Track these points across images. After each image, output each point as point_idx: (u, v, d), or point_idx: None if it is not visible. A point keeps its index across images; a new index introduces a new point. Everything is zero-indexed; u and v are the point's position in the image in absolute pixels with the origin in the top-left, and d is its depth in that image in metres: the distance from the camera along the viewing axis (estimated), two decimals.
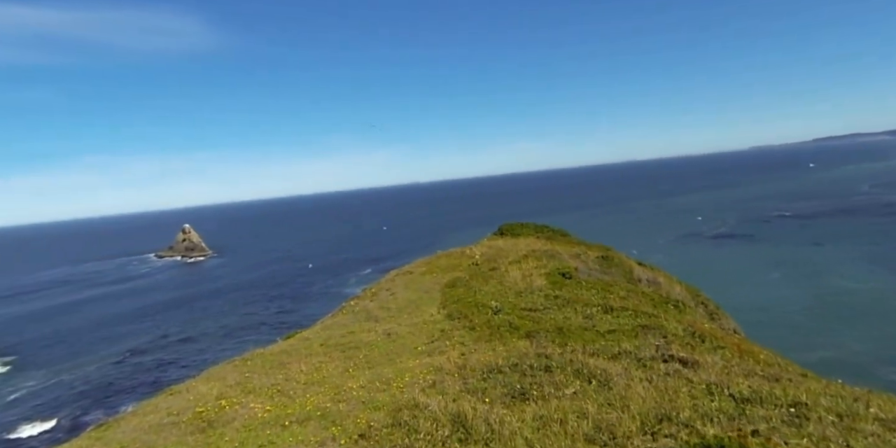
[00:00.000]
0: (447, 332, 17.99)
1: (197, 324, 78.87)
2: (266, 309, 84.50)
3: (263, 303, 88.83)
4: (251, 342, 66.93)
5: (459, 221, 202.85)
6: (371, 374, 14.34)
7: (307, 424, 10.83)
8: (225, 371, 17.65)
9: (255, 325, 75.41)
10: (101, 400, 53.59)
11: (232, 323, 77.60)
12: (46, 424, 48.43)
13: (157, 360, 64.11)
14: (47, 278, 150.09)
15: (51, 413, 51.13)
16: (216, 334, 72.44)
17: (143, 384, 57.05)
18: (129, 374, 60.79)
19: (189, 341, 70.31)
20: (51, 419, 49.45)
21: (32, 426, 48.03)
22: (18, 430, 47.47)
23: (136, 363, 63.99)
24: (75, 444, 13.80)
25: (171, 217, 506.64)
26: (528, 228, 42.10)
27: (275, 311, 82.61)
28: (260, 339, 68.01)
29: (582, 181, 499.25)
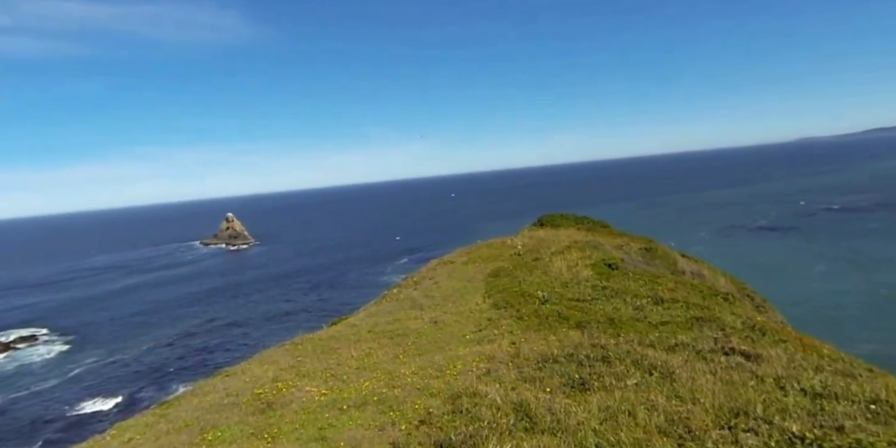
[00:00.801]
0: (494, 321, 17.97)
1: (240, 309, 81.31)
2: (305, 296, 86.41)
3: (303, 290, 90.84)
4: (292, 328, 68.55)
5: (495, 212, 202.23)
6: (422, 361, 14.46)
7: (365, 409, 11.00)
8: (277, 355, 18.11)
9: (296, 312, 77.22)
10: (153, 379, 56.00)
11: (273, 309, 79.67)
12: (104, 401, 51.04)
13: (204, 343, 66.48)
14: (102, 264, 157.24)
15: (107, 390, 53.80)
16: (258, 319, 74.53)
17: (191, 365, 59.32)
18: (179, 355, 63.23)
19: (233, 326, 72.59)
20: (108, 396, 52.07)
21: (93, 402, 50.67)
22: (80, 406, 50.18)
23: (184, 345, 66.49)
24: (140, 420, 14.43)
25: (214, 206, 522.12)
26: (569, 219, 41.59)
27: (314, 298, 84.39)
28: (300, 325, 69.55)
29: (620, 173, 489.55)
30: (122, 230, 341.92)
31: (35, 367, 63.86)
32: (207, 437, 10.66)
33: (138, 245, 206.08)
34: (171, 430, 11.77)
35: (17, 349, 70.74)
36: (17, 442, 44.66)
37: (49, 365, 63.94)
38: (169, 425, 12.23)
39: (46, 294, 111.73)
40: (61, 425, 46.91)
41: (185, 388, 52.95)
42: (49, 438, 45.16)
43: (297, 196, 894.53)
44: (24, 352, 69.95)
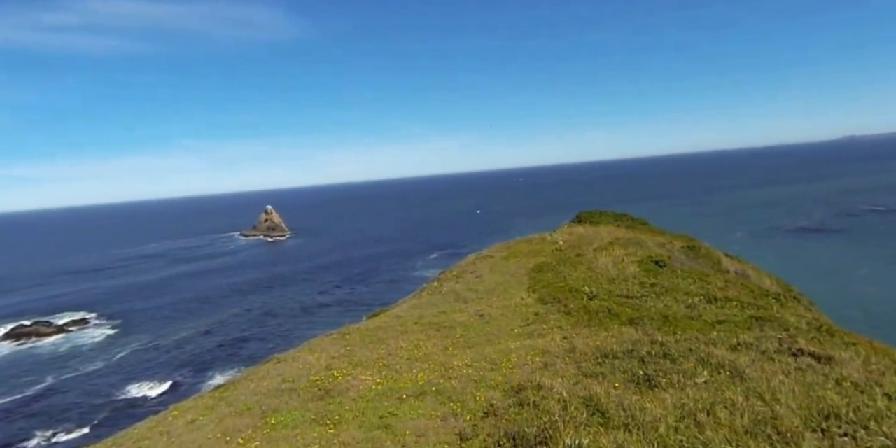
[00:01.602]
0: (542, 316, 17.84)
1: (276, 300, 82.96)
2: (338, 288, 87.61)
3: (336, 282, 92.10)
4: (325, 319, 69.82)
5: (524, 209, 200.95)
6: (473, 354, 14.46)
7: (423, 399, 11.05)
8: (325, 343, 18.38)
9: (328, 304, 78.38)
10: (191, 365, 57.72)
11: (307, 300, 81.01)
12: (147, 384, 52.94)
13: (239, 332, 68.10)
14: (148, 252, 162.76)
15: (149, 374, 55.73)
16: (293, 310, 75.92)
17: (227, 354, 60.89)
18: (216, 343, 64.96)
19: (268, 316, 74.12)
20: (150, 379, 53.96)
21: (138, 385, 52.60)
22: (125, 389, 52.16)
23: (221, 333, 68.26)
24: (199, 402, 14.86)
25: (253, 198, 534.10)
26: (608, 216, 40.96)
27: (346, 290, 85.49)
28: (333, 317, 70.62)
29: (653, 171, 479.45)
30: (167, 220, 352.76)
31: (85, 349, 66.61)
32: (270, 420, 10.88)
33: (182, 235, 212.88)
34: (232, 412, 12.07)
35: (69, 332, 73.89)
36: (68, 421, 46.67)
37: (97, 348, 66.61)
38: (230, 408, 12.55)
39: (96, 280, 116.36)
40: (108, 406, 48.82)
41: (222, 374, 54.60)
42: (96, 418, 47.03)
43: (333, 190, 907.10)
44: (76, 334, 73.02)
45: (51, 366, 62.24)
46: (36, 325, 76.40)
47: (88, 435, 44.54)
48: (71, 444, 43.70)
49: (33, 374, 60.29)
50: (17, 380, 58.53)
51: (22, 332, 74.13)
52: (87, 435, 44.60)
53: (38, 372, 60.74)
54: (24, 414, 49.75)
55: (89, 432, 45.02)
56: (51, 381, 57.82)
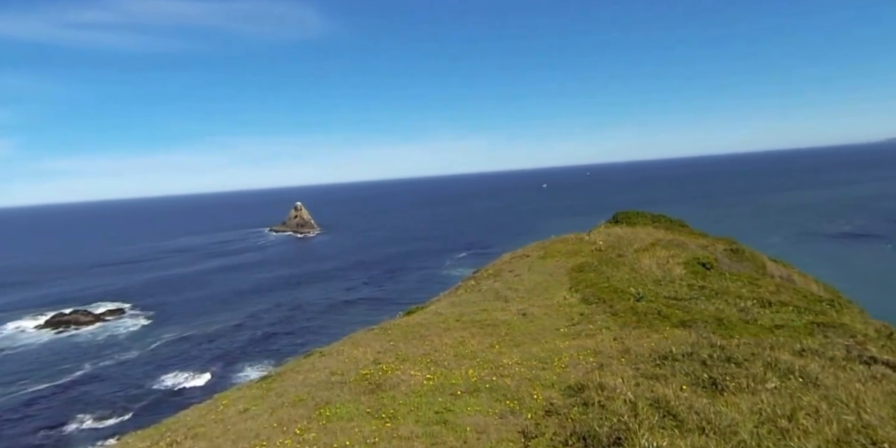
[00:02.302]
0: (587, 316, 17.55)
1: (304, 295, 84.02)
2: (366, 285, 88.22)
3: (364, 279, 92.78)
4: (353, 316, 70.35)
5: (553, 209, 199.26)
6: (521, 353, 14.29)
7: (478, 395, 10.93)
8: (367, 338, 18.43)
9: (356, 301, 78.99)
10: (221, 357, 58.87)
11: (336, 297, 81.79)
12: (180, 374, 54.23)
13: (269, 327, 69.17)
14: (182, 246, 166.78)
15: (182, 364, 57.05)
16: (322, 306, 76.77)
17: (258, 347, 61.94)
18: (246, 336, 66.11)
19: (298, 311, 75.09)
20: (183, 369, 55.27)
21: (174, 375, 53.92)
22: (160, 378, 53.49)
23: (251, 327, 69.44)
24: (247, 392, 15.04)
25: (283, 195, 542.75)
26: (645, 217, 40.20)
27: (374, 287, 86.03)
28: (360, 314, 71.07)
29: (689, 172, 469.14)
30: (200, 215, 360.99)
31: (121, 338, 68.58)
32: (324, 412, 10.90)
33: (214, 229, 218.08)
34: (284, 403, 12.15)
35: (106, 321, 76.22)
36: (105, 407, 48.04)
37: (133, 337, 68.48)
38: (280, 399, 12.64)
39: (131, 272, 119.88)
40: (143, 394, 50.11)
41: (252, 366, 55.50)
42: (132, 406, 48.28)
43: (361, 187, 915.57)
44: (113, 323, 75.28)
45: (89, 353, 64.20)
46: (75, 313, 78.95)
47: (125, 421, 45.78)
48: (108, 430, 44.96)
49: (72, 361, 62.28)
50: (57, 366, 60.55)
51: (62, 320, 76.69)
52: (125, 421, 45.85)
53: (77, 359, 62.71)
54: (65, 399, 51.40)
55: (126, 419, 46.24)
56: (89, 368, 59.62)
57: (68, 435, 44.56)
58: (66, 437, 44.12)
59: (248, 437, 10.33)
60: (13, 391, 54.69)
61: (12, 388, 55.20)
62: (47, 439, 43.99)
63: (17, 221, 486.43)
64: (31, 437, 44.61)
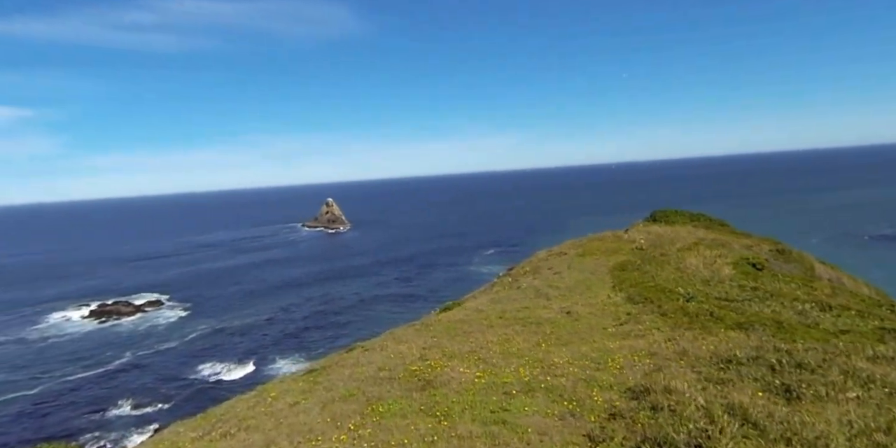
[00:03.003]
0: (635, 316, 17.10)
1: (335, 290, 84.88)
2: (396, 281, 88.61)
3: (393, 274, 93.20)
4: (383, 313, 70.70)
5: (583, 207, 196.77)
6: (570, 352, 13.96)
7: (534, 395, 10.68)
8: (409, 334, 18.34)
9: (386, 296, 79.39)
10: (254, 349, 59.93)
11: (365, 291, 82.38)
12: (217, 364, 55.51)
13: (302, 320, 70.12)
14: (216, 240, 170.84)
15: (218, 355, 58.35)
16: (352, 301, 77.40)
17: (290, 340, 62.83)
18: (277, 330, 67.14)
19: (327, 306, 75.91)
20: (219, 360, 56.54)
21: (211, 365, 55.21)
22: (198, 368, 54.84)
23: (283, 321, 70.49)
24: (293, 385, 15.10)
25: (313, 191, 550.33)
26: (684, 216, 39.23)
27: (404, 283, 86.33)
28: (389, 310, 71.49)
29: (725, 171, 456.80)
30: (234, 211, 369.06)
31: (160, 329, 70.49)
32: (378, 408, 10.81)
33: (248, 225, 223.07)
34: (334, 398, 12.11)
35: (146, 312, 78.47)
36: (146, 395, 49.39)
37: (171, 328, 70.31)
38: (329, 393, 12.61)
39: (169, 265, 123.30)
40: (182, 383, 51.39)
41: (284, 359, 56.27)
42: (171, 394, 49.52)
43: (391, 184, 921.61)
44: (152, 314, 77.45)
45: (130, 343, 66.14)
46: (117, 304, 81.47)
47: (165, 409, 46.99)
48: (149, 416, 46.20)
49: (115, 349, 64.26)
50: (100, 354, 62.56)
51: (104, 310, 79.23)
52: (164, 409, 47.06)
53: (119, 348, 64.68)
54: (107, 386, 53.06)
55: (166, 407, 47.44)
56: (130, 357, 61.41)
57: (111, 420, 45.96)
58: (108, 423, 45.52)
59: (301, 431, 10.30)
60: (59, 377, 56.74)
61: (58, 374, 57.28)
62: (91, 424, 45.45)
63: (62, 216, 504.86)
64: (76, 420, 46.18)
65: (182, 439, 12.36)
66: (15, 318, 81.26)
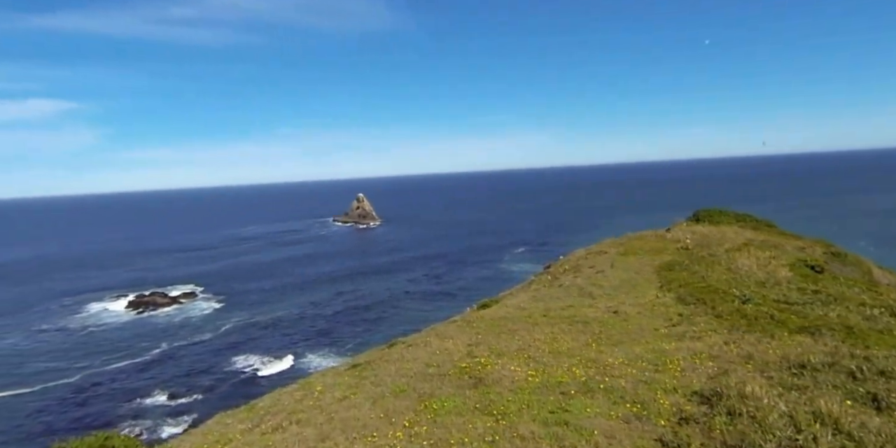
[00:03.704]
0: (687, 317, 16.46)
1: (365, 285, 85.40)
2: (425, 277, 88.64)
3: (423, 271, 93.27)
4: (412, 311, 70.79)
5: (615, 207, 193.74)
6: (623, 353, 13.47)
7: (593, 396, 10.26)
8: (451, 330, 18.05)
9: (416, 292, 79.52)
10: (285, 342, 60.72)
11: (395, 287, 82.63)
12: (249, 356, 56.46)
13: (333, 314, 70.73)
14: (249, 234, 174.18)
15: (250, 347, 59.36)
16: (382, 296, 77.71)
17: (320, 334, 63.42)
18: (310, 323, 67.85)
19: (359, 300, 76.39)
20: (252, 352, 57.50)
21: (245, 357, 56.15)
22: (231, 359, 55.85)
23: (315, 314, 71.22)
24: (339, 379, 14.97)
25: (345, 186, 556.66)
26: (728, 216, 37.97)
27: (434, 280, 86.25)
28: (420, 306, 71.48)
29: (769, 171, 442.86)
30: (267, 205, 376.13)
31: (194, 320, 72.08)
32: (431, 405, 10.54)
33: (281, 219, 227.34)
34: (385, 393, 11.90)
35: (181, 303, 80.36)
36: (182, 384, 50.48)
37: (205, 320, 71.82)
38: (379, 389, 12.41)
39: (204, 257, 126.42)
40: (217, 374, 52.39)
41: (313, 353, 56.71)
42: (207, 384, 50.46)
43: (423, 180, 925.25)
44: (187, 306, 79.29)
45: (166, 334, 67.74)
46: (153, 295, 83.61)
47: (200, 399, 47.86)
48: (184, 405, 47.13)
49: (151, 340, 65.87)
50: (137, 345, 64.22)
51: (142, 301, 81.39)
52: (199, 399, 47.94)
53: (156, 339, 66.28)
54: (144, 375, 54.40)
55: (201, 397, 48.33)
56: (166, 347, 62.87)
57: (147, 409, 47.03)
58: (144, 411, 46.59)
59: (355, 426, 10.10)
60: (98, 366, 58.41)
61: (97, 363, 58.98)
62: (128, 412, 46.60)
63: (101, 208, 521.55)
64: (114, 408, 47.42)
65: (231, 431, 12.33)
66: (57, 307, 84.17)
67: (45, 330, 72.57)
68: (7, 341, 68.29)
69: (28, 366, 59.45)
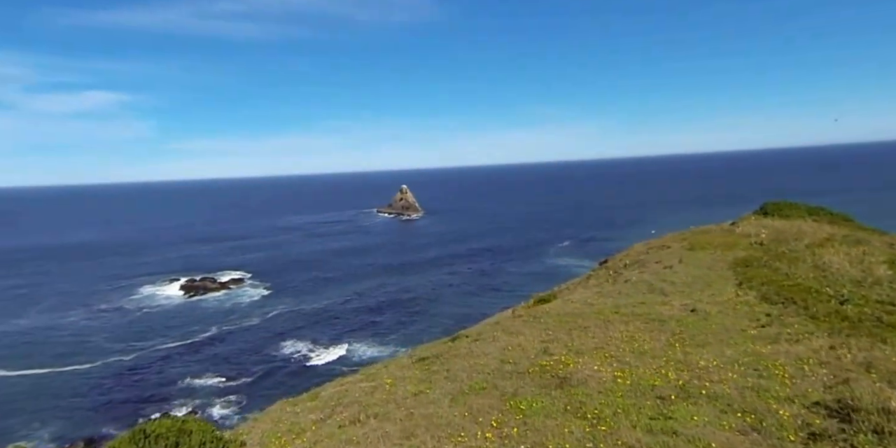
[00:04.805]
0: (777, 318, 15.24)
1: (407, 277, 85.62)
2: (468, 270, 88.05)
3: (466, 264, 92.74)
4: (457, 300, 70.47)
5: (666, 200, 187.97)
6: (712, 355, 12.48)
7: (696, 403, 9.40)
8: (517, 325, 17.36)
9: (460, 284, 79.11)
10: (332, 331, 61.44)
11: (438, 279, 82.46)
12: (297, 343, 57.49)
13: (377, 305, 71.17)
14: (294, 224, 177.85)
15: (297, 334, 60.44)
16: (425, 288, 77.70)
17: (365, 324, 63.86)
18: (351, 313, 68.48)
19: (402, 292, 76.58)
20: (299, 339, 58.54)
21: (292, 342, 57.21)
22: (279, 345, 56.95)
23: (358, 304, 71.86)
24: (406, 372, 14.54)
25: (389, 177, 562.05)
26: (800, 209, 35.75)
27: (477, 273, 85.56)
28: (463, 300, 71.01)
29: (832, 162, 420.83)
30: (313, 195, 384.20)
31: (243, 306, 73.98)
32: (519, 405, 9.92)
33: (325, 209, 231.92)
34: (463, 389, 11.36)
35: (230, 289, 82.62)
36: (230, 370, 51.76)
37: (253, 305, 73.60)
38: (454, 384, 11.87)
39: (252, 245, 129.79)
40: (264, 360, 53.50)
41: (359, 342, 57.13)
42: (254, 370, 51.59)
43: (467, 172, 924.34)
44: (235, 292, 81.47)
45: (215, 318, 69.67)
46: (204, 280, 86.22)
47: (247, 383, 48.95)
48: (232, 388, 48.27)
49: (201, 323, 67.86)
50: (188, 327, 66.30)
51: (192, 285, 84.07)
52: (246, 383, 49.04)
53: (206, 322, 68.25)
54: (194, 358, 56.05)
55: (249, 381, 49.43)
56: (215, 331, 64.63)
57: (196, 389, 48.39)
58: (194, 392, 47.95)
59: (439, 424, 9.59)
60: (151, 347, 60.54)
61: (150, 344, 61.14)
62: (179, 392, 48.05)
63: (154, 196, 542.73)
64: (165, 388, 49.01)
65: (303, 420, 12.07)
66: (115, 289, 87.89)
67: (104, 310, 75.87)
68: (71, 319, 71.77)
69: (89, 343, 62.26)
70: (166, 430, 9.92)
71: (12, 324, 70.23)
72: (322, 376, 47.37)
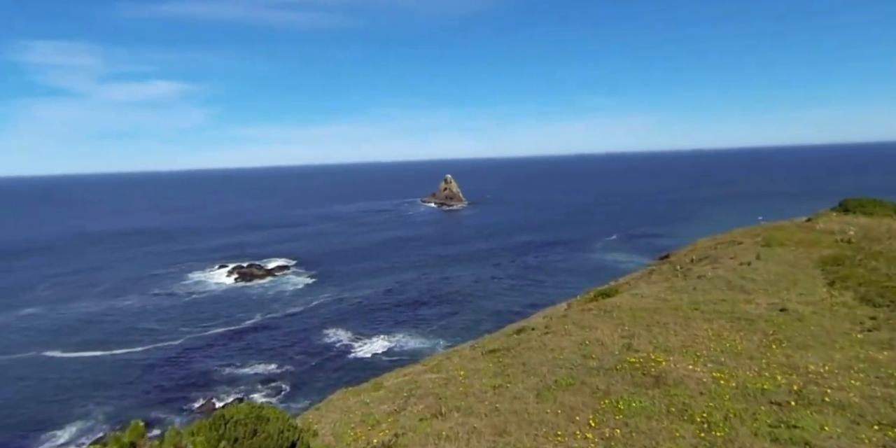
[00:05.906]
0: (885, 321, 13.89)
1: (450, 267, 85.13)
2: (512, 262, 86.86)
3: (509, 256, 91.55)
4: (500, 292, 69.62)
5: (709, 196, 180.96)
6: (819, 358, 11.37)
7: (820, 411, 8.43)
8: (588, 318, 16.46)
9: (504, 277, 78.04)
10: (373, 320, 61.45)
11: (481, 271, 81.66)
12: (339, 332, 57.65)
13: (419, 295, 70.95)
14: (340, 212, 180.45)
15: (340, 323, 60.62)
16: (467, 280, 77.03)
17: (408, 314, 63.61)
18: (394, 304, 68.39)
19: (444, 283, 76.16)
20: (342, 328, 58.67)
21: (334, 332, 57.57)
22: (322, 333, 57.41)
23: (398, 294, 71.81)
24: (477, 364, 13.89)
25: (435, 167, 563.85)
26: (884, 207, 33.30)
27: (521, 266, 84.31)
28: (508, 292, 70.05)
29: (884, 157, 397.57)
30: (359, 183, 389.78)
31: (287, 293, 75.17)
32: (617, 404, 9.18)
33: (371, 198, 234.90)
34: (549, 385, 10.67)
35: (276, 276, 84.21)
36: (274, 356, 52.49)
37: (297, 293, 74.68)
38: (534, 379, 11.21)
39: (297, 233, 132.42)
40: (308, 347, 54.02)
41: (400, 332, 57.03)
42: (297, 358, 52.11)
43: (514, 163, 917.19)
44: (281, 279, 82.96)
45: (261, 305, 70.97)
46: (251, 267, 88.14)
47: (290, 371, 49.34)
48: (275, 375, 48.63)
49: (248, 310, 69.22)
50: (235, 313, 67.73)
51: (241, 272, 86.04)
52: (289, 371, 49.42)
53: (252, 309, 69.61)
54: (240, 344, 57.01)
55: (291, 369, 49.86)
56: (260, 318, 65.76)
57: (241, 375, 49.09)
58: (239, 377, 48.65)
59: (531, 421, 8.95)
60: (199, 332, 62.03)
61: (198, 329, 62.65)
62: (224, 377, 48.86)
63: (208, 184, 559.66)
64: (211, 372, 49.95)
65: (375, 411, 11.67)
66: (167, 274, 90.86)
67: (157, 294, 78.48)
68: (126, 302, 74.55)
69: (141, 326, 64.43)
70: (244, 416, 9.63)
71: (72, 307, 73.44)
72: (367, 366, 47.44)
